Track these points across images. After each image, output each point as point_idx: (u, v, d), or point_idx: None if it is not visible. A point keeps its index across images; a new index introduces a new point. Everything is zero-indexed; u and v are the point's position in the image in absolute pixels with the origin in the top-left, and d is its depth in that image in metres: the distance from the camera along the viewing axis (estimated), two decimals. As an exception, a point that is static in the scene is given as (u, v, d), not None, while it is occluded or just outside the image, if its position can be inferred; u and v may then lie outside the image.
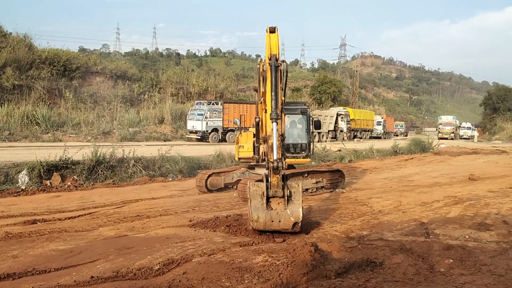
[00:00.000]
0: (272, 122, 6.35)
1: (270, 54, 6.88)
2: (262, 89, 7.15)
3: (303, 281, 4.37)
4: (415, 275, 4.77)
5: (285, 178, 6.20)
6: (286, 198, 6.05)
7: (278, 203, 6.08)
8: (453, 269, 5.01)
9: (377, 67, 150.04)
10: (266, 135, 6.97)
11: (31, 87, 29.02)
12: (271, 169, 6.04)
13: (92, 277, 4.50)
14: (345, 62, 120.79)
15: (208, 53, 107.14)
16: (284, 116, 7.52)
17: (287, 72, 7.07)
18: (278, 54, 6.95)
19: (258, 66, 7.65)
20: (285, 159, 6.42)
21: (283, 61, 6.90)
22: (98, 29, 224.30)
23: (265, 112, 6.93)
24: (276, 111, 6.36)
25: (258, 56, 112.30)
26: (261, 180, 6.39)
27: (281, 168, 6.03)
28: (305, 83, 60.55)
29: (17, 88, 28.08)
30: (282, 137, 6.58)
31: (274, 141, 6.23)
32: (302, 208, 6.15)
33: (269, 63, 6.75)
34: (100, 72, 36.12)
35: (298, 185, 6.26)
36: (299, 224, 6.10)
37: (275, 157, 6.11)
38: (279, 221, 6.02)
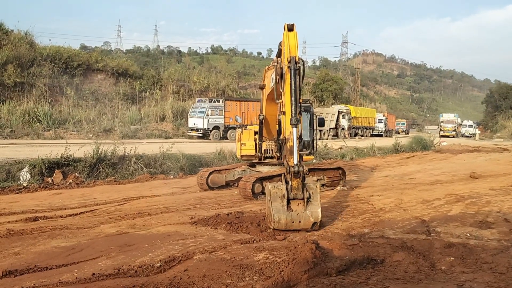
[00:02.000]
0: (292, 127, 6.46)
1: (290, 57, 6.69)
2: (280, 89, 7.06)
3: (304, 279, 4.38)
4: (416, 273, 4.77)
5: (304, 180, 6.30)
6: (305, 200, 6.22)
7: (298, 204, 6.25)
8: (454, 267, 5.01)
9: (379, 65, 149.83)
10: (284, 137, 7.00)
11: (32, 84, 29.04)
12: (292, 173, 6.17)
13: (94, 274, 4.50)
14: (347, 59, 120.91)
15: (209, 50, 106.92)
16: (301, 117, 7.44)
17: (304, 71, 6.97)
18: (297, 55, 6.77)
19: (275, 64, 7.60)
20: (303, 160, 6.55)
21: (302, 60, 6.82)
22: (100, 26, 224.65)
23: (284, 114, 6.89)
24: (296, 117, 6.48)
25: (259, 53, 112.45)
26: (270, 178, 6.45)
27: (301, 172, 6.17)
28: (306, 80, 60.41)
29: (18, 85, 28.10)
30: (300, 139, 6.65)
31: (294, 145, 6.39)
32: (321, 208, 6.35)
33: (289, 66, 6.64)
34: (102, 69, 36.11)
35: (316, 186, 6.45)
36: (318, 224, 6.35)
37: (295, 162, 6.26)
38: (299, 222, 6.23)
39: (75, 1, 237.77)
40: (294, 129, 6.46)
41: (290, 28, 6.98)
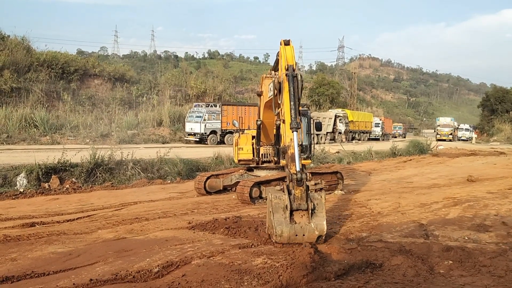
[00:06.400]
0: (292, 132, 6.30)
1: (287, 65, 6.80)
2: (279, 101, 7.11)
3: (303, 283, 4.37)
4: (415, 277, 4.76)
5: (307, 189, 5.93)
6: (310, 211, 5.79)
7: (302, 216, 5.81)
8: (453, 270, 5.01)
9: (375, 69, 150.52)
10: (284, 145, 6.76)
11: (29, 89, 29.01)
12: (295, 181, 5.77)
13: (91, 279, 4.48)
14: (343, 64, 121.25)
15: (206, 55, 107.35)
16: (301, 123, 7.46)
17: (302, 82, 7.08)
18: (294, 64, 6.89)
19: (272, 77, 7.68)
20: (305, 168, 6.30)
21: (300, 75, 6.91)
22: (96, 32, 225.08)
23: (283, 122, 6.78)
24: (296, 121, 6.34)
25: (256, 58, 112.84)
26: (268, 183, 6.40)
27: (304, 180, 5.79)
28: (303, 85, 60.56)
29: (15, 90, 28.07)
30: (301, 146, 6.54)
31: (296, 151, 6.11)
32: (326, 220, 5.94)
33: (286, 74, 6.71)
34: (98, 74, 36.12)
35: (321, 197, 6.01)
36: (323, 237, 5.90)
37: (297, 169, 5.91)
38: (303, 235, 5.75)
39: (72, 7, 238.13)
40: (295, 133, 6.26)
41: (287, 43, 7.16)
